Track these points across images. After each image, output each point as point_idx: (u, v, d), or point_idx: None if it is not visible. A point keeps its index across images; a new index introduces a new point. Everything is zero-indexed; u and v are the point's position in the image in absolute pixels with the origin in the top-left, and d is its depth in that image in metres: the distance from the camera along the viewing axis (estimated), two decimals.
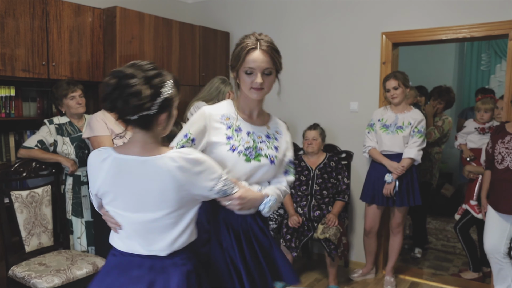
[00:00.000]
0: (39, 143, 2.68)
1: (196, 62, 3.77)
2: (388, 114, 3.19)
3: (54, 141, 2.71)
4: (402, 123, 3.11)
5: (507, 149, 2.65)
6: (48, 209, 2.62)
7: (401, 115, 3.14)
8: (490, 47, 5.70)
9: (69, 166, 2.67)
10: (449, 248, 4.23)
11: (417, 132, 3.08)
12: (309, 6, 3.71)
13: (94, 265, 2.40)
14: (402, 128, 3.12)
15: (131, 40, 3.19)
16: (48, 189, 2.64)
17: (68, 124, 2.77)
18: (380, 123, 3.20)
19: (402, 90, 3.10)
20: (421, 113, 3.20)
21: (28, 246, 2.48)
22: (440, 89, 3.92)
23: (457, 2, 3.09)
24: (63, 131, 2.74)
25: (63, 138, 2.72)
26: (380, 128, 3.19)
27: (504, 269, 2.75)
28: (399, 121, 3.13)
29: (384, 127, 3.18)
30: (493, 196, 2.77)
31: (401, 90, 3.09)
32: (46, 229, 2.59)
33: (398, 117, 3.14)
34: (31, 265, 2.37)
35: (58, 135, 2.72)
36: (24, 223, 2.48)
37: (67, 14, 2.90)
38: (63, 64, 2.90)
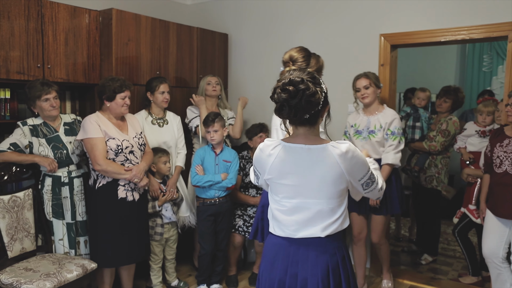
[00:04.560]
0: (12, 146, 2.57)
1: (194, 64, 3.75)
2: (360, 119, 3.05)
3: (29, 143, 2.62)
4: (374, 127, 2.98)
5: (506, 153, 2.61)
6: (30, 213, 2.59)
7: (373, 117, 3.01)
8: (492, 48, 5.65)
9: (46, 165, 2.59)
10: (449, 251, 4.19)
11: (390, 134, 2.93)
12: (307, 8, 3.69)
13: (83, 267, 2.39)
14: (374, 133, 2.97)
15: (127, 42, 3.18)
16: (30, 193, 2.60)
17: (43, 125, 2.68)
18: (353, 129, 3.07)
19: (373, 90, 2.97)
20: (394, 111, 3.03)
21: (11, 251, 2.43)
22: (448, 88, 3.75)
23: (456, 3, 3.06)
24: (38, 132, 2.65)
25: (38, 140, 2.63)
26: (354, 135, 3.06)
27: (503, 273, 2.71)
28: (371, 124, 2.99)
29: (357, 133, 3.05)
30: (491, 200, 2.74)
31: (372, 89, 2.96)
32: (28, 234, 2.56)
33: (370, 120, 3.01)
34: (16, 271, 2.33)
35: (33, 136, 2.62)
36: (6, 228, 2.43)
37: (63, 16, 2.89)
38: (59, 66, 2.90)
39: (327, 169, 1.49)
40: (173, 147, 3.23)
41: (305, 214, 1.54)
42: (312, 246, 1.54)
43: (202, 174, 3.05)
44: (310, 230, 1.54)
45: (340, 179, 1.51)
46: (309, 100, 1.45)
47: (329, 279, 1.52)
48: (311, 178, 1.51)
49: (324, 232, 1.53)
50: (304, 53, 2.30)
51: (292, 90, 1.45)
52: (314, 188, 1.52)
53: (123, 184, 2.67)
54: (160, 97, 3.13)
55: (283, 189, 1.57)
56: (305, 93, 1.44)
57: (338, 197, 1.54)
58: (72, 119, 2.85)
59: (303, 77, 1.48)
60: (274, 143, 1.58)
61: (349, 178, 1.52)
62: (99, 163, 2.56)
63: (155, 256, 3.11)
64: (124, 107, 2.70)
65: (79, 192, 2.78)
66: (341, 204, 1.56)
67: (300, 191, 1.53)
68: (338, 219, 1.55)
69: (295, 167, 1.53)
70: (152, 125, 3.17)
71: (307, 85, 1.45)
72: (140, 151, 2.78)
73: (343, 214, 1.57)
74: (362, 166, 1.53)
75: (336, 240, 1.57)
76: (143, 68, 3.31)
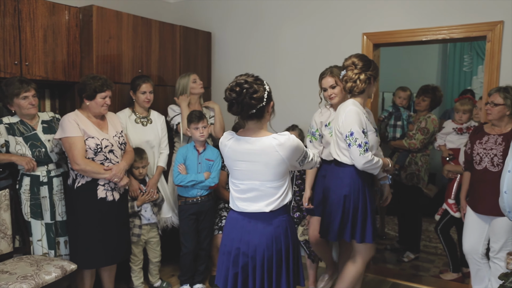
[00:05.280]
0: None
1: (177, 62, 3.72)
2: (333, 117, 2.72)
3: (5, 141, 2.55)
4: None
5: (485, 150, 2.66)
6: (6, 213, 2.52)
7: None
8: (472, 49, 5.75)
9: (24, 164, 2.54)
10: (430, 248, 4.24)
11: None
12: (290, 6, 3.69)
13: (62, 269, 2.34)
14: None
15: (108, 39, 3.13)
16: (7, 193, 2.54)
17: (20, 123, 2.62)
18: (327, 128, 2.77)
19: (341, 89, 2.71)
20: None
21: None
22: (427, 86, 3.83)
23: (437, 4, 3.10)
24: (14, 130, 2.58)
25: (15, 138, 2.57)
26: (331, 135, 2.68)
27: (482, 269, 2.76)
28: None
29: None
30: (472, 197, 2.78)
31: (339, 88, 2.72)
32: (5, 235, 2.49)
33: None
34: None
35: (9, 135, 2.56)
36: None
37: (41, 13, 2.83)
38: (37, 63, 2.83)
39: (269, 157, 1.82)
40: (156, 147, 3.19)
41: (253, 193, 1.89)
42: (260, 219, 1.89)
43: (184, 173, 3.02)
44: (257, 206, 1.89)
45: (280, 164, 1.83)
46: (252, 97, 1.78)
47: (273, 246, 1.88)
48: (257, 165, 1.84)
49: (268, 207, 1.88)
50: (364, 59, 2.49)
51: (238, 90, 1.79)
52: (260, 172, 1.85)
53: (103, 184, 2.63)
54: (141, 97, 3.09)
55: (236, 173, 1.93)
56: (248, 92, 1.78)
57: (279, 179, 1.87)
58: (51, 117, 2.79)
59: (247, 79, 1.81)
60: (229, 136, 1.94)
61: (288, 162, 1.85)
62: (78, 163, 2.51)
63: (134, 257, 3.06)
64: (104, 107, 2.65)
65: (59, 191, 2.72)
66: (282, 185, 1.89)
67: (249, 175, 1.87)
68: (280, 197, 1.89)
69: (243, 155, 1.86)
70: (136, 124, 3.12)
71: (251, 85, 1.79)
72: (121, 150, 2.74)
73: (284, 193, 1.90)
74: (297, 151, 1.86)
75: (280, 214, 1.91)
76: (125, 67, 3.27)
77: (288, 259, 1.93)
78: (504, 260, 2.51)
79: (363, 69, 2.45)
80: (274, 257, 1.88)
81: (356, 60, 2.47)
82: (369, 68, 2.46)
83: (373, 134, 2.46)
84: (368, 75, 2.45)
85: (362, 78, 2.44)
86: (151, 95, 3.12)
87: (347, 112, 2.39)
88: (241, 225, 1.92)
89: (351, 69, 2.46)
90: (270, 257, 1.88)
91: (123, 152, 2.78)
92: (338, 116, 2.48)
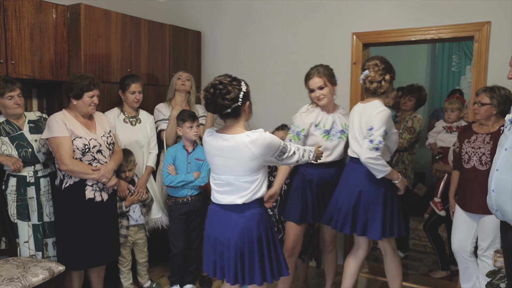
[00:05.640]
0: None
1: (166, 61, 3.69)
2: (322, 117, 2.69)
3: None
4: (341, 126, 2.72)
5: (473, 149, 2.68)
6: None
7: (335, 115, 2.73)
8: (460, 49, 5.82)
9: (10, 165, 2.49)
10: (420, 247, 4.28)
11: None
12: (280, 6, 3.69)
13: (50, 270, 2.30)
14: (344, 132, 2.72)
15: (97, 38, 3.10)
16: None
17: (6, 123, 2.58)
18: (317, 128, 2.67)
19: (329, 89, 2.64)
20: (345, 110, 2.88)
21: None
22: (412, 86, 3.88)
23: (426, 4, 3.12)
24: (0, 130, 2.54)
25: (1, 138, 2.53)
26: (323, 136, 2.67)
27: (470, 267, 2.78)
28: (337, 124, 2.71)
29: (326, 133, 2.68)
30: (460, 196, 2.81)
31: (327, 89, 2.63)
32: None
33: (335, 119, 2.71)
34: None
35: None
36: None
37: (28, 11, 2.78)
38: (24, 62, 2.79)
39: (242, 153, 1.91)
40: (145, 146, 3.17)
41: (229, 187, 2.00)
42: (233, 211, 2.01)
43: (174, 173, 3.00)
44: (231, 198, 2.00)
45: (252, 160, 1.92)
46: (224, 98, 1.89)
47: (244, 237, 1.98)
48: (231, 160, 1.94)
49: (240, 199, 1.98)
50: (386, 61, 2.59)
51: (211, 91, 1.91)
52: (234, 167, 1.95)
53: (91, 184, 2.60)
54: (130, 97, 3.06)
55: (214, 168, 2.05)
56: (221, 93, 1.89)
57: (251, 174, 1.96)
58: (38, 116, 2.75)
59: (223, 80, 1.92)
60: (209, 133, 2.04)
61: (260, 158, 1.93)
62: (65, 163, 2.48)
63: (122, 258, 3.04)
64: (91, 107, 2.62)
65: (46, 192, 2.68)
66: (255, 180, 1.98)
67: (224, 170, 1.99)
68: (252, 191, 1.98)
69: (219, 151, 1.97)
70: (125, 124, 3.10)
71: (224, 86, 1.89)
72: (109, 150, 2.71)
73: (257, 187, 1.99)
74: (270, 147, 1.93)
75: (252, 207, 2.00)
76: (114, 66, 3.24)
77: (262, 250, 2.00)
78: (492, 258, 2.54)
79: (386, 70, 2.54)
80: (246, 248, 1.98)
81: (379, 61, 2.55)
82: (391, 70, 2.58)
83: (396, 135, 2.57)
84: (391, 76, 2.55)
85: (387, 78, 2.54)
86: (140, 95, 3.10)
87: (381, 113, 2.44)
88: (218, 216, 2.05)
89: (375, 70, 2.52)
90: (242, 247, 1.98)
91: (112, 152, 2.75)
92: (362, 115, 2.51)
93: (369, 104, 2.54)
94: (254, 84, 3.87)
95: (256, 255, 1.99)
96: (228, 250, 2.01)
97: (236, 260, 1.99)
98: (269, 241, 2.03)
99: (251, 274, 2.00)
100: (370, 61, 2.58)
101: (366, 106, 2.56)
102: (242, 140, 1.91)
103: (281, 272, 2.07)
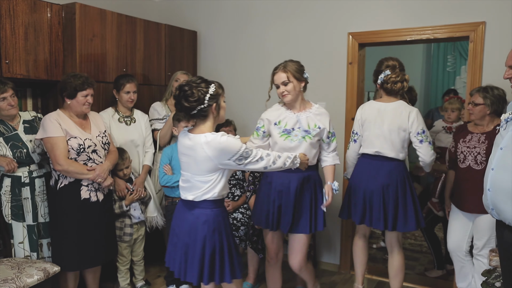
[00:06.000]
0: None
1: (162, 61, 3.68)
2: (285, 115, 2.48)
3: None
4: (308, 126, 2.46)
5: (469, 148, 2.69)
6: None
7: (302, 115, 2.48)
8: (455, 49, 5.85)
9: (4, 165, 2.47)
10: (416, 246, 4.29)
11: (332, 136, 2.57)
12: (276, 6, 3.69)
13: (45, 271, 2.28)
14: (310, 133, 2.45)
15: (92, 38, 3.08)
16: None
17: (0, 123, 2.56)
18: (277, 127, 2.48)
19: (293, 86, 2.42)
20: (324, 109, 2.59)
21: None
22: None
23: (421, 4, 3.13)
24: None
25: None
26: (281, 135, 2.46)
27: (466, 267, 2.79)
28: (303, 123, 2.46)
29: (285, 132, 2.46)
30: (456, 195, 2.81)
31: (292, 86, 2.41)
32: None
33: (300, 118, 2.47)
34: None
35: None
36: None
37: (22, 9, 2.76)
38: (18, 62, 2.77)
39: (197, 153, 1.97)
40: (140, 146, 3.15)
41: (187, 183, 2.07)
42: (186, 207, 2.08)
43: (170, 174, 2.98)
44: (186, 194, 2.07)
45: (206, 160, 1.96)
46: (187, 100, 1.95)
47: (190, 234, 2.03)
48: (190, 159, 2.01)
49: (191, 196, 2.04)
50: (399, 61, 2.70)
51: (177, 93, 1.99)
52: (191, 165, 2.02)
53: (86, 184, 2.58)
54: (125, 97, 3.05)
55: (181, 165, 2.11)
56: (185, 94, 1.95)
57: (205, 174, 2.00)
58: (32, 116, 2.73)
59: (191, 82, 1.98)
60: (183, 132, 2.11)
61: (215, 160, 1.96)
62: (60, 163, 2.46)
63: (122, 257, 3.02)
64: (85, 106, 2.60)
65: (41, 192, 2.66)
66: (209, 180, 2.01)
67: (185, 167, 2.07)
68: (203, 190, 2.02)
69: (184, 149, 2.04)
70: (119, 123, 3.08)
71: (190, 88, 1.95)
72: (104, 150, 2.70)
73: (209, 187, 2.01)
74: (225, 151, 1.94)
75: (202, 207, 2.04)
76: (109, 65, 3.22)
77: (203, 251, 2.02)
78: (487, 257, 2.55)
79: (403, 69, 2.67)
80: (190, 245, 2.04)
81: (396, 62, 2.66)
82: (404, 69, 2.69)
83: None
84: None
85: (407, 78, 2.66)
86: (135, 95, 3.08)
87: (419, 113, 2.64)
88: (178, 210, 2.15)
89: (396, 71, 2.63)
90: (187, 243, 2.05)
91: (107, 152, 2.73)
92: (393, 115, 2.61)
93: (397, 104, 2.65)
94: (250, 84, 3.94)
95: (196, 254, 2.02)
96: (179, 242, 2.09)
97: (181, 254, 2.07)
98: (215, 244, 2.03)
99: (190, 271, 2.04)
100: (387, 61, 2.68)
101: (392, 106, 2.64)
102: (200, 140, 1.95)
103: (223, 277, 2.07)
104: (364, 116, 2.72)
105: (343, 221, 3.52)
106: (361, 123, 2.73)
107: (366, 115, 2.71)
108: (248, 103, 3.78)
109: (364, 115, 2.72)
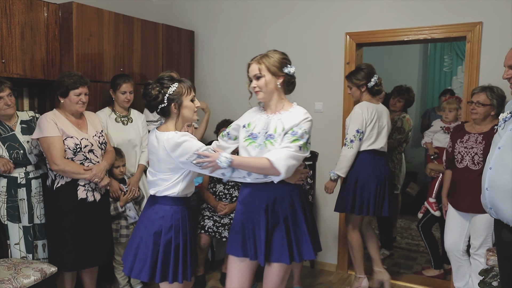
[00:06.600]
0: None
1: (159, 61, 3.67)
2: (257, 118, 2.09)
3: None
4: (273, 130, 1.99)
5: (466, 148, 2.70)
6: None
7: (274, 117, 2.03)
8: (452, 49, 5.86)
9: (0, 166, 2.45)
10: (413, 246, 4.30)
11: (290, 134, 1.95)
12: (274, 6, 3.69)
13: (42, 271, 2.27)
14: (273, 138, 1.98)
15: (89, 37, 3.07)
16: None
17: None
18: (244, 130, 2.09)
19: (265, 82, 1.99)
20: (305, 111, 2.03)
21: None
22: (400, 88, 3.98)
23: (418, 4, 3.14)
24: None
25: None
26: (245, 139, 2.06)
27: (463, 266, 2.80)
28: (270, 127, 2.02)
29: (251, 137, 2.05)
30: (453, 195, 2.82)
31: (263, 81, 1.99)
32: None
33: (270, 120, 2.03)
34: None
35: None
36: None
37: (18, 9, 2.75)
38: (15, 61, 2.75)
39: (159, 150, 1.98)
40: (138, 146, 3.14)
41: (153, 179, 2.06)
42: (150, 202, 2.09)
43: None
44: (151, 189, 2.08)
45: (167, 158, 1.96)
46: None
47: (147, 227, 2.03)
48: (154, 156, 2.03)
49: (153, 191, 2.05)
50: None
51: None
52: (155, 163, 2.03)
53: (83, 184, 2.57)
54: (121, 97, 3.03)
55: (149, 161, 2.12)
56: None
57: (166, 172, 2.00)
58: (30, 116, 2.72)
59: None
60: (153, 130, 2.10)
61: (175, 159, 1.94)
62: (57, 163, 2.45)
63: (119, 258, 3.01)
64: (79, 105, 2.59)
65: (37, 193, 2.64)
66: (170, 179, 2.01)
67: (151, 164, 2.09)
68: (164, 187, 2.02)
69: (150, 146, 2.06)
70: (116, 123, 3.07)
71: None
72: (101, 150, 2.68)
73: (169, 185, 2.02)
74: (183, 149, 1.92)
75: (162, 203, 2.03)
76: (106, 65, 3.21)
77: (157, 247, 1.99)
78: (484, 256, 2.56)
79: None
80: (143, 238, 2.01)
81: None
82: None
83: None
84: None
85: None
86: (131, 95, 3.07)
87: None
88: (146, 205, 2.15)
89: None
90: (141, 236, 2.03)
91: (104, 152, 2.72)
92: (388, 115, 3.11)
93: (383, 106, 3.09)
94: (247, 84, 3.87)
95: (149, 249, 1.98)
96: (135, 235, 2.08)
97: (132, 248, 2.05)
98: (171, 241, 1.99)
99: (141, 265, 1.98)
100: (371, 66, 3.00)
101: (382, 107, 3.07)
102: (162, 138, 1.96)
103: (176, 277, 2.00)
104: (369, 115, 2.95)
105: (340, 221, 3.52)
106: (366, 123, 2.95)
107: (379, 117, 3.01)
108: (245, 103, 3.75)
109: (369, 114, 2.95)
